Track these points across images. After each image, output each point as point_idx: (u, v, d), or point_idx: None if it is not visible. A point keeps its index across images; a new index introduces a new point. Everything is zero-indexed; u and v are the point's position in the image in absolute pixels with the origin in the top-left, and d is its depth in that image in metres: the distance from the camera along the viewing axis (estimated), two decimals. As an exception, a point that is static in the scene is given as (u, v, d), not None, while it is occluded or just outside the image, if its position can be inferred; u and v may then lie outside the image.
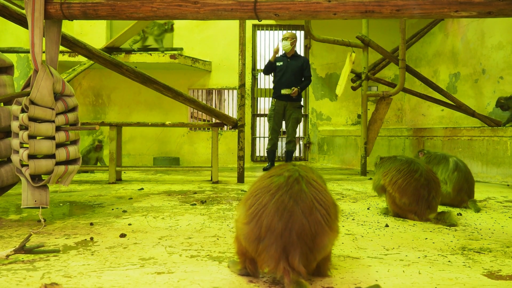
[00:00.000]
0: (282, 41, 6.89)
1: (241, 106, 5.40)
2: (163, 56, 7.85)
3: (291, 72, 6.69)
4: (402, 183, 3.03)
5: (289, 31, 8.14)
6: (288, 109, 6.76)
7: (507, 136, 5.56)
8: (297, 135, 8.52)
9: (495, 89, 6.54)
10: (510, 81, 6.36)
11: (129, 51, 7.82)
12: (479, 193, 3.85)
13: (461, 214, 3.24)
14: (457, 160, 3.69)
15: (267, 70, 6.89)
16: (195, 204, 3.58)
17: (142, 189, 4.63)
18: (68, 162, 2.76)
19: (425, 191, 2.99)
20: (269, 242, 1.53)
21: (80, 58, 7.46)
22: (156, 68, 8.28)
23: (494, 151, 5.60)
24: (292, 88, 6.59)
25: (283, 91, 6.65)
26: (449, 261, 1.97)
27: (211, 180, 5.41)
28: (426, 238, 2.44)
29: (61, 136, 2.68)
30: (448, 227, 2.76)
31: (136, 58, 7.83)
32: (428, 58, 8.13)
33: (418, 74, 6.46)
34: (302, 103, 7.00)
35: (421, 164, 3.13)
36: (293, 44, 6.80)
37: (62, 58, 7.58)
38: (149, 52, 7.91)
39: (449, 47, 7.58)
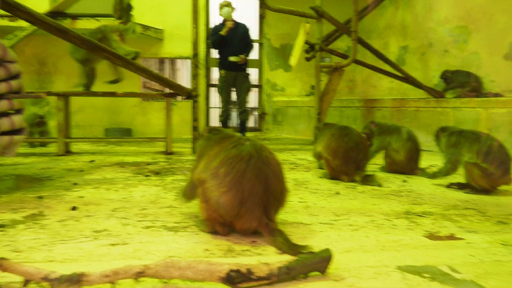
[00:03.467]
0: (222, 8, 6.77)
1: (195, 76, 5.32)
2: (112, 22, 7.51)
3: (238, 40, 6.66)
4: (334, 146, 3.33)
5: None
6: (238, 79, 6.75)
7: (450, 107, 5.84)
8: (251, 106, 8.55)
9: (440, 62, 6.81)
10: (454, 54, 6.64)
11: (75, 17, 7.42)
12: (423, 161, 4.05)
13: (406, 181, 3.41)
14: (409, 131, 3.89)
15: (219, 44, 6.75)
16: (149, 176, 3.54)
17: (94, 161, 4.51)
18: (13, 132, 2.63)
19: (354, 153, 3.29)
20: (252, 204, 1.72)
21: (21, 23, 6.99)
22: (105, 35, 7.92)
23: (438, 122, 5.87)
24: (240, 55, 6.57)
25: (231, 58, 6.60)
26: (394, 225, 2.09)
27: (165, 151, 5.35)
28: (374, 204, 2.56)
29: (4, 105, 2.54)
30: (395, 194, 2.91)
31: (83, 24, 7.44)
32: (379, 31, 8.29)
33: (370, 46, 6.59)
34: (252, 73, 7.04)
35: (351, 129, 3.44)
36: (233, 10, 6.79)
37: (1, 22, 7.08)
38: (97, 18, 7.55)
39: (399, 20, 7.76)
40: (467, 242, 1.83)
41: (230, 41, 6.68)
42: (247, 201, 1.72)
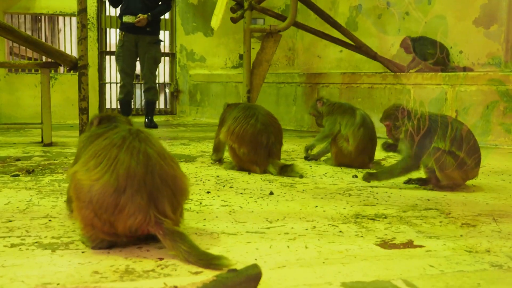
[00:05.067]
0: None
1: (82, 39, 5.13)
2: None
3: None
4: (239, 131, 3.53)
5: None
6: (141, 45, 6.62)
7: (410, 84, 6.12)
8: (161, 81, 8.44)
9: (400, 27, 7.11)
10: (416, 18, 6.96)
11: None
12: (378, 151, 4.23)
13: (356, 176, 3.56)
14: (364, 114, 4.01)
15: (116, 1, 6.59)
16: (17, 175, 3.40)
17: None
18: None
19: (263, 137, 3.53)
20: (131, 190, 1.70)
21: None
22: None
23: (397, 102, 6.15)
24: (138, 15, 6.43)
25: (125, 19, 6.47)
26: (340, 232, 2.18)
27: (42, 141, 5.15)
28: (316, 206, 2.64)
29: None
30: (342, 193, 3.02)
31: None
32: (325, -15, 8.48)
33: (313, 6, 6.72)
34: (161, 36, 6.91)
35: (258, 108, 3.70)
36: None
37: None
38: None
39: (350, -28, 7.98)
40: (427, 250, 1.95)
41: None
42: (125, 186, 1.71)
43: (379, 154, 4.25)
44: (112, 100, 8.94)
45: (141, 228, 1.76)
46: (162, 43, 7.24)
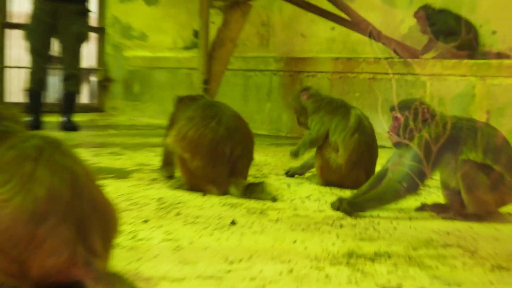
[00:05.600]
0: None
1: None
2: None
3: None
4: (193, 136, 3.50)
5: None
6: (61, 16, 6.56)
7: (426, 74, 6.15)
8: (85, 66, 8.35)
9: (412, -3, 7.17)
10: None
11: None
12: (380, 166, 4.21)
13: (352, 200, 3.56)
14: (361, 115, 4.03)
15: None
16: None
17: None
18: None
19: (226, 146, 3.52)
20: (55, 219, 1.68)
21: None
22: None
23: (408, 97, 6.18)
24: None
25: None
26: (327, 276, 2.16)
27: None
28: (295, 241, 2.63)
29: None
30: (331, 224, 3.01)
31: None
32: None
33: (296, -34, 6.76)
34: (89, 6, 6.86)
35: (222, 107, 3.70)
36: None
37: None
38: None
39: None
40: (445, 302, 1.95)
41: None
42: (45, 212, 1.68)
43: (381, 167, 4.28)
44: (17, 91, 8.83)
45: (64, 270, 1.71)
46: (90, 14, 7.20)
